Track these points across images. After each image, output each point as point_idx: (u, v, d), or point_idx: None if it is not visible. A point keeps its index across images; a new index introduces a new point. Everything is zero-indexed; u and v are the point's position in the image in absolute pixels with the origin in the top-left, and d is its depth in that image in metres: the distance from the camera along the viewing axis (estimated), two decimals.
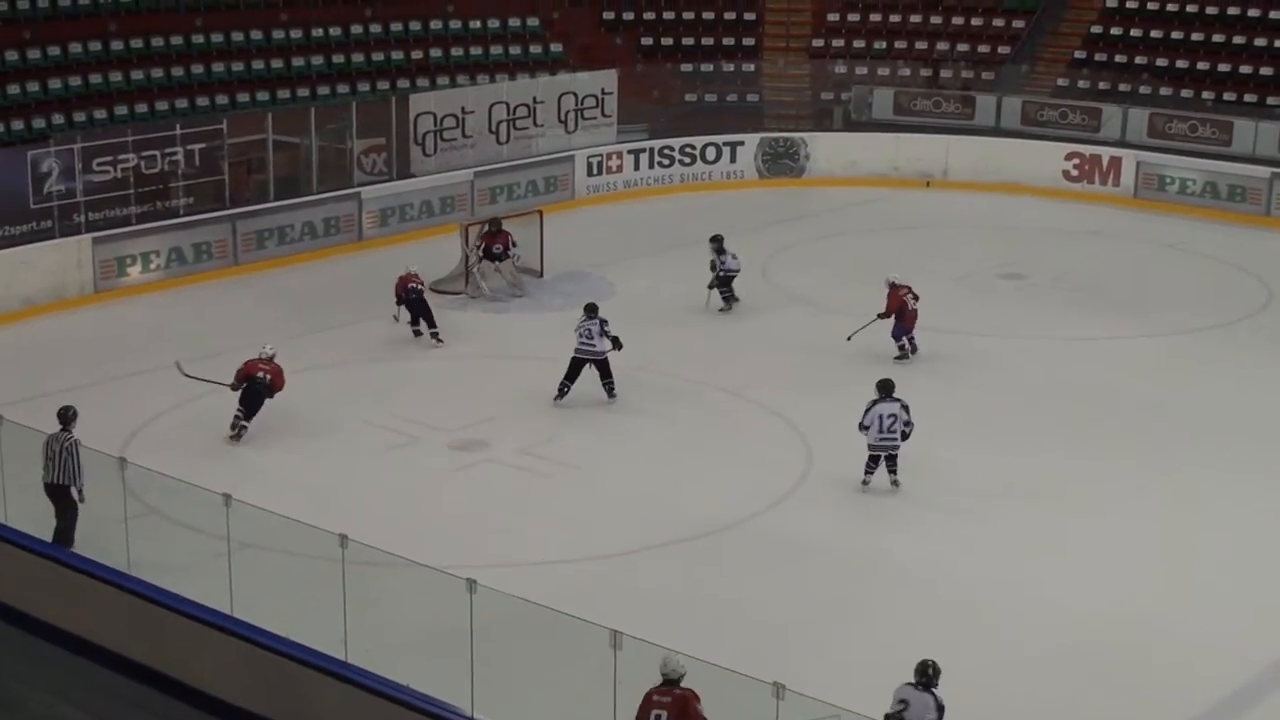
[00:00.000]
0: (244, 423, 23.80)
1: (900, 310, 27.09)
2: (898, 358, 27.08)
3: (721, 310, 29.74)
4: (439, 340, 28.02)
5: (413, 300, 28.25)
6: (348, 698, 15.83)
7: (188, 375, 23.88)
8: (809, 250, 32.34)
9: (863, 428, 21.96)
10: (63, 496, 19.87)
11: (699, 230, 31.78)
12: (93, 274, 30.35)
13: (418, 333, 28.32)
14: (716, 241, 30.03)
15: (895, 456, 22.06)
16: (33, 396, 24.59)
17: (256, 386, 23.72)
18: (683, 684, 14.67)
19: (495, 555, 19.74)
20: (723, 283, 29.86)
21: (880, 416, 21.88)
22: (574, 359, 25.19)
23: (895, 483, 22.06)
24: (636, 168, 38.88)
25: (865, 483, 22.11)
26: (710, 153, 39.44)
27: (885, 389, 22.15)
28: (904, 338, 27.31)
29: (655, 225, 35.93)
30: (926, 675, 14.80)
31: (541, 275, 31.82)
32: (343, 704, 15.93)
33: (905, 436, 21.99)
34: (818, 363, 27.22)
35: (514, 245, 30.93)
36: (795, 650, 17.75)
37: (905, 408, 22.01)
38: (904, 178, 39.46)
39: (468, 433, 23.99)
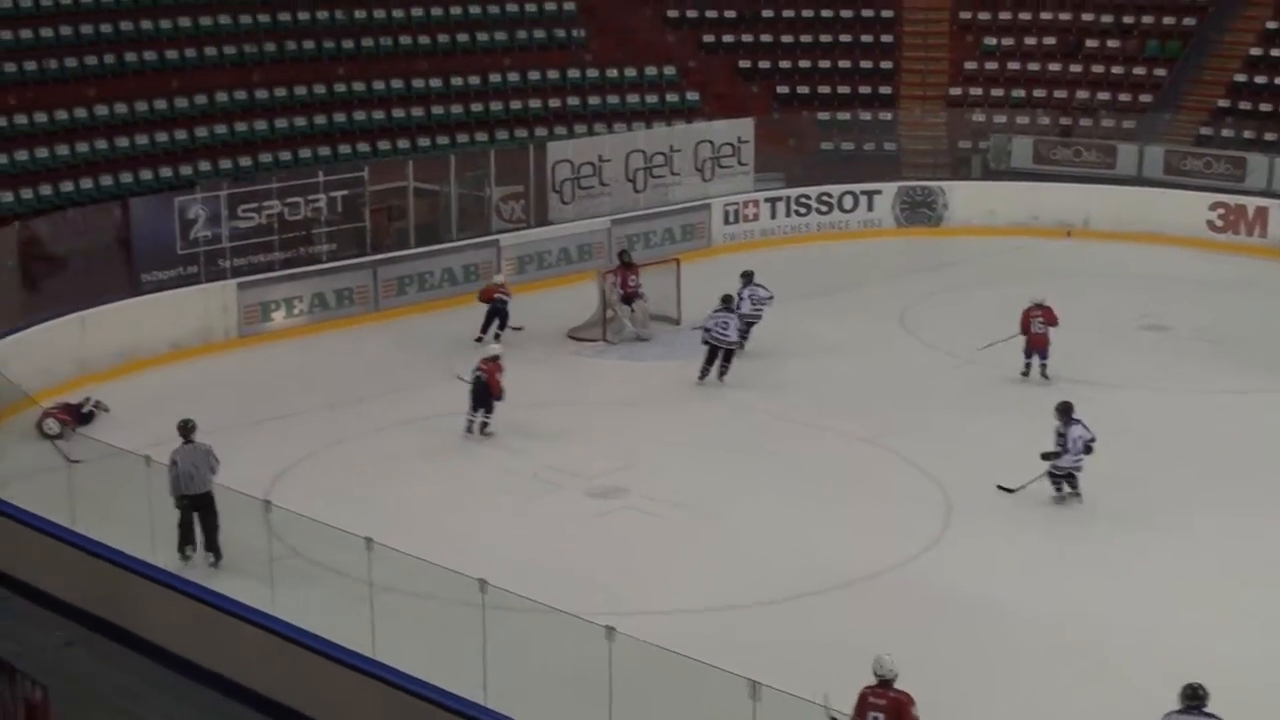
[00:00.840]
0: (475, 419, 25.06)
1: (1025, 329, 27.70)
2: (1023, 374, 27.95)
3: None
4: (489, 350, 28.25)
5: (497, 309, 29.50)
6: None
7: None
8: (947, 299, 32.13)
9: (1056, 454, 22.77)
10: (208, 504, 20.49)
11: (835, 279, 31.71)
12: (237, 319, 30.83)
13: (494, 336, 29.96)
14: (746, 278, 30.12)
15: (1076, 476, 22.95)
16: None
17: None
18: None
19: (633, 602, 19.74)
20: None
21: (1073, 439, 22.61)
22: (709, 346, 27.68)
23: (1065, 496, 23.10)
24: (773, 216, 38.89)
25: (1064, 497, 23.08)
26: (847, 201, 39.35)
27: (1067, 411, 22.90)
28: (1030, 358, 27.85)
29: (791, 273, 35.78)
30: (1198, 698, 14.56)
31: (679, 323, 31.85)
32: None
33: (1089, 451, 22.79)
34: (956, 413, 27.00)
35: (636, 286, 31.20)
36: (936, 703, 17.54)
37: (1085, 425, 22.79)
38: (1043, 227, 39.08)
39: (605, 479, 24.04)
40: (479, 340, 29.14)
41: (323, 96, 39.43)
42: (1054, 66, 43.50)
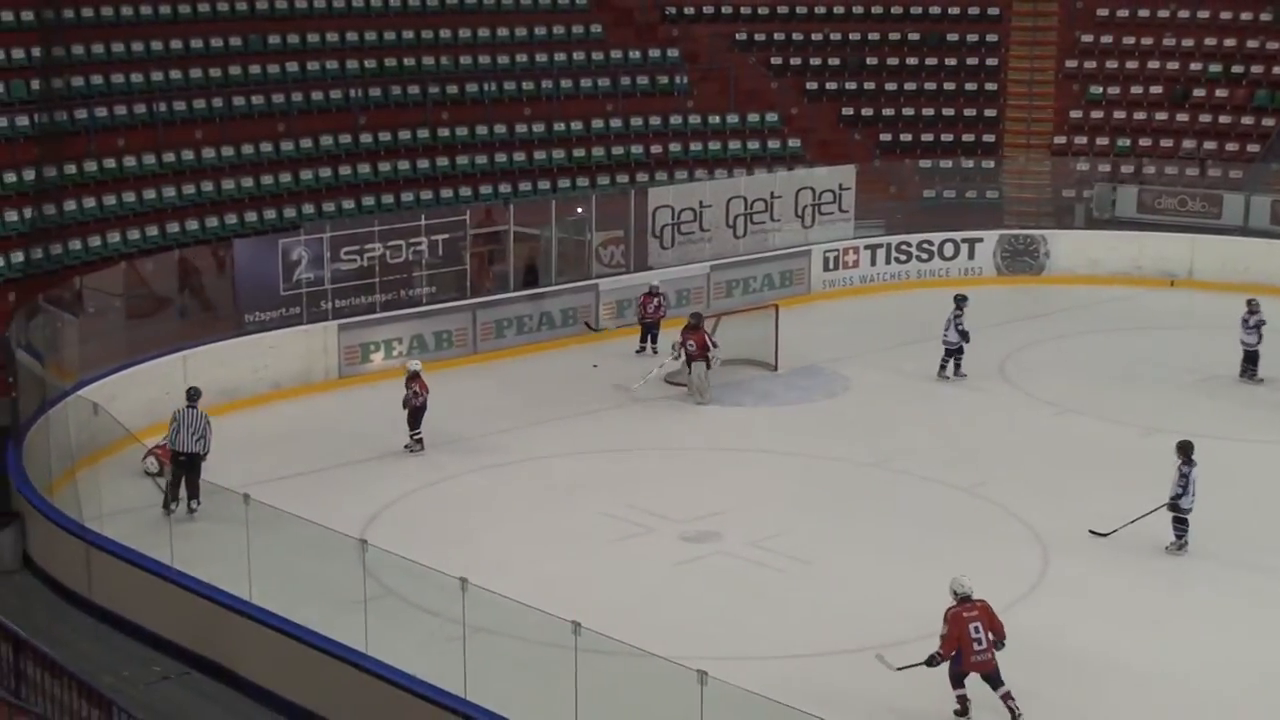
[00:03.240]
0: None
1: None
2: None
3: (944, 378, 30.16)
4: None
5: (649, 323, 31.32)
6: None
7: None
8: (1049, 349, 31.85)
9: (1178, 498, 22.55)
10: (195, 465, 23.65)
11: (935, 327, 31.50)
12: (338, 360, 31.09)
13: (643, 350, 32.20)
14: (959, 303, 30.46)
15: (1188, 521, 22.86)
16: (279, 478, 25.29)
17: None
18: None
19: (725, 648, 19.65)
20: (950, 353, 30.19)
21: (1192, 480, 22.50)
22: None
23: (1183, 545, 22.87)
24: (873, 263, 38.76)
25: (1181, 546, 22.79)
26: (948, 249, 39.15)
27: (1188, 450, 22.71)
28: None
29: (891, 321, 35.71)
30: None
31: (776, 369, 31.80)
32: None
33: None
34: (1056, 463, 26.73)
35: (714, 346, 30.24)
36: None
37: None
38: (1147, 276, 38.73)
39: (700, 524, 23.97)
40: (639, 351, 32.32)
41: (426, 141, 39.81)
42: (1160, 115, 43.16)
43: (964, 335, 30.61)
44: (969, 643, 18.09)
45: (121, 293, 29.82)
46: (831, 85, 45.03)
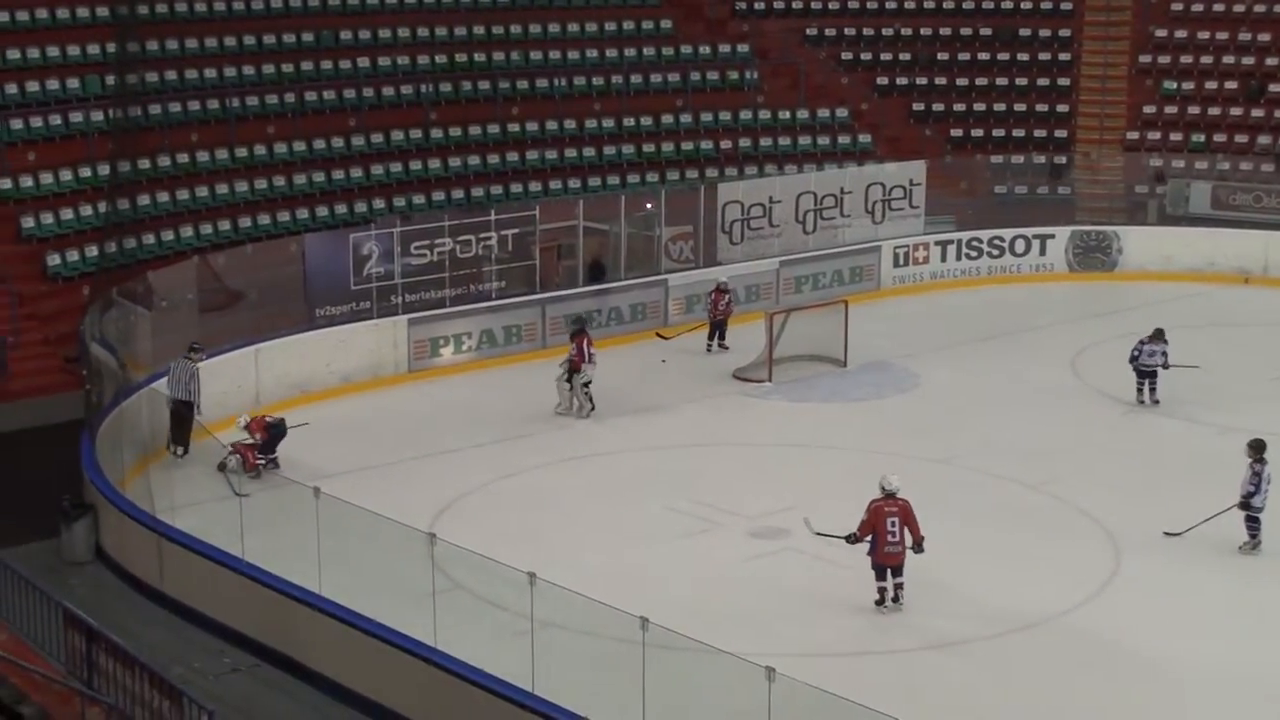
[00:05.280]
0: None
1: None
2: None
3: (1140, 403, 29.14)
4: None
5: (719, 321, 31.76)
6: None
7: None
8: (1121, 346, 31.50)
9: (1250, 496, 22.38)
10: (185, 412, 25.81)
11: (1005, 324, 31.33)
12: (407, 354, 31.20)
13: (711, 348, 32.53)
14: (1158, 336, 29.17)
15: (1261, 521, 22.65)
16: (348, 471, 25.39)
17: None
18: None
19: (793, 644, 19.61)
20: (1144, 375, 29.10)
21: (1266, 477, 22.37)
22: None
23: (1257, 545, 22.66)
24: (943, 259, 38.57)
25: (1255, 545, 22.60)
26: (1019, 245, 38.89)
27: (1260, 449, 22.53)
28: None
29: (962, 317, 35.53)
30: None
31: (845, 365, 31.71)
32: None
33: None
34: (1127, 462, 26.55)
35: (591, 360, 28.77)
36: None
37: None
38: (1221, 273, 38.37)
39: (769, 520, 23.92)
40: (709, 349, 32.56)
41: (496, 136, 39.91)
42: (1235, 110, 42.73)
43: (1164, 364, 29.10)
44: (884, 534, 20.43)
45: (194, 286, 30.00)
46: (902, 80, 44.85)
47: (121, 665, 16.25)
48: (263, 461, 25.45)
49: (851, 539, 20.79)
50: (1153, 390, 28.94)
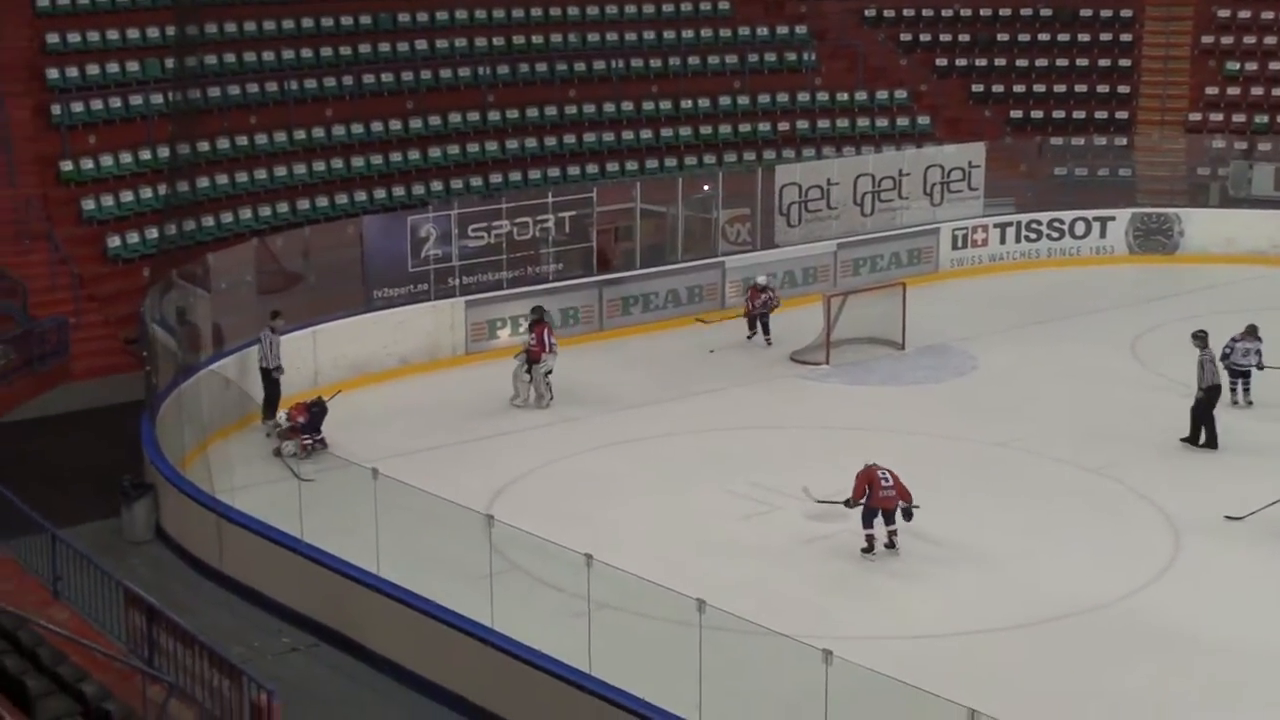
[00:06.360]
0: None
1: None
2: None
3: (1234, 404, 28.10)
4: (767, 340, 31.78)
5: (757, 315, 31.60)
6: None
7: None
8: (1182, 329, 31.29)
9: None
10: (265, 377, 26.56)
11: (1065, 306, 31.11)
12: (465, 336, 31.26)
13: (751, 338, 32.16)
14: (1251, 333, 28.36)
15: None
16: (406, 452, 25.48)
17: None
18: None
19: (850, 627, 19.59)
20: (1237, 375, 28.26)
21: None
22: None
23: None
24: (1002, 241, 38.33)
25: None
26: (1079, 227, 38.62)
27: None
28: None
29: (1020, 300, 35.32)
30: None
31: (903, 348, 31.58)
32: None
33: None
34: (1188, 446, 26.33)
35: (552, 350, 28.55)
36: None
37: None
38: None
39: (826, 503, 23.83)
40: (749, 337, 32.20)
41: (554, 118, 39.92)
42: None
43: (1259, 364, 28.28)
44: (876, 482, 21.60)
45: (252, 268, 30.14)
46: (961, 61, 44.59)
47: (181, 644, 16.34)
48: (309, 441, 25.54)
49: (849, 503, 21.95)
50: (1246, 390, 28.25)
